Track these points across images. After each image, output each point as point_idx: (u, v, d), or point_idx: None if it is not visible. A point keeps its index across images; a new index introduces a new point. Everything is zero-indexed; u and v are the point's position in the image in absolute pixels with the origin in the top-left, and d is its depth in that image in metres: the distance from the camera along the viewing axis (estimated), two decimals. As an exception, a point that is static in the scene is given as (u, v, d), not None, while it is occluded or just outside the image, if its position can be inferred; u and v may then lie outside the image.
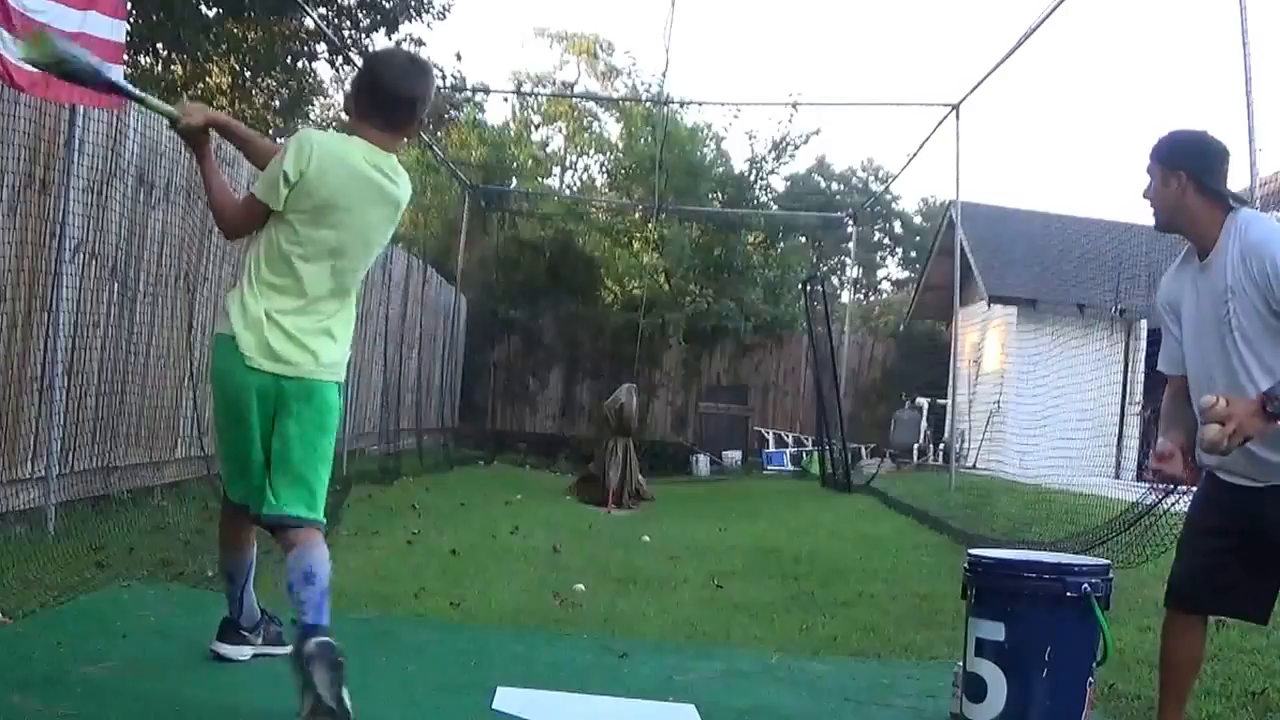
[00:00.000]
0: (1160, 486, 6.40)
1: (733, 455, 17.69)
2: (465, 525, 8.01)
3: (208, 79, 12.89)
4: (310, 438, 3.09)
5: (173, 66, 12.29)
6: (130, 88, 3.44)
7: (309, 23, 12.66)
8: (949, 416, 13.76)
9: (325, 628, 2.87)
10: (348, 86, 3.40)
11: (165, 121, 3.45)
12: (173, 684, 3.17)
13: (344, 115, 3.33)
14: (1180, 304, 3.06)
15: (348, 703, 2.74)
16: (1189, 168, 2.96)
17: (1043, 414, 11.33)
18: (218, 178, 3.24)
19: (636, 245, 20.59)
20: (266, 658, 3.43)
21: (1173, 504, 5.93)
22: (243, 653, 3.42)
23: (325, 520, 3.20)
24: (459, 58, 20.29)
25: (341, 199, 3.06)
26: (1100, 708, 3.55)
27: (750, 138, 21.05)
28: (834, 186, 32.67)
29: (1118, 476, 12.88)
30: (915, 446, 16.75)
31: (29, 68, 4.42)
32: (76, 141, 5.44)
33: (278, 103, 14.32)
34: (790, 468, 16.74)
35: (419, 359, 14.52)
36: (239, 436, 3.11)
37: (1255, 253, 2.83)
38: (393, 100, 3.13)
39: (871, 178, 33.31)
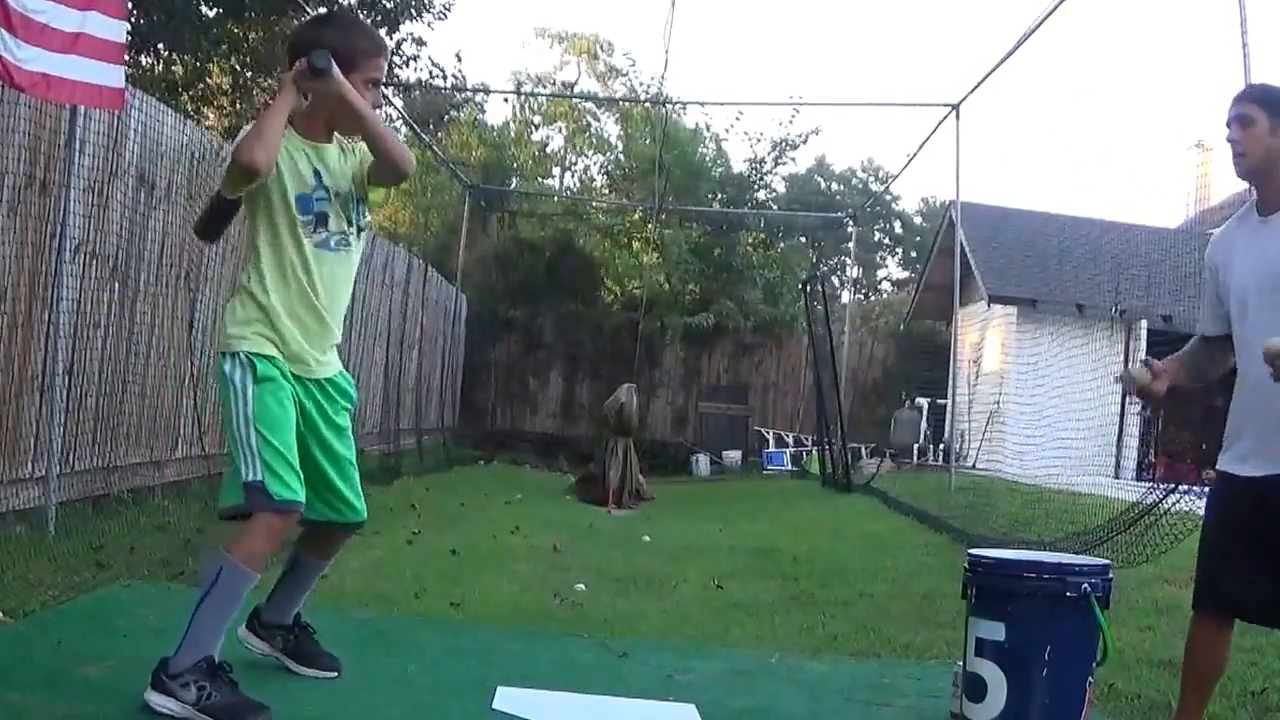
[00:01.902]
0: (1160, 485, 6.40)
1: (733, 455, 17.69)
2: (465, 525, 8.02)
3: (208, 79, 12.88)
4: None
5: (173, 66, 12.29)
6: None
7: (309, 23, 12.63)
8: (949, 416, 13.77)
9: None
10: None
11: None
12: (173, 684, 3.17)
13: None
14: (1230, 260, 3.07)
15: None
16: None
17: (1042, 414, 11.34)
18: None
19: (636, 246, 20.60)
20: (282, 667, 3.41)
21: (1174, 503, 5.93)
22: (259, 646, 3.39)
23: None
24: (459, 58, 20.31)
25: None
26: (1100, 708, 3.55)
27: (753, 140, 21.04)
28: (834, 186, 32.69)
29: (1118, 476, 12.90)
30: (915, 446, 16.75)
31: (29, 68, 4.43)
32: (76, 141, 5.44)
33: (278, 103, 14.29)
34: (790, 468, 16.74)
35: (419, 359, 14.52)
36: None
37: None
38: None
39: (871, 178, 33.34)
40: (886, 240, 36.27)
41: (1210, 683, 3.07)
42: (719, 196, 20.32)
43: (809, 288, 16.35)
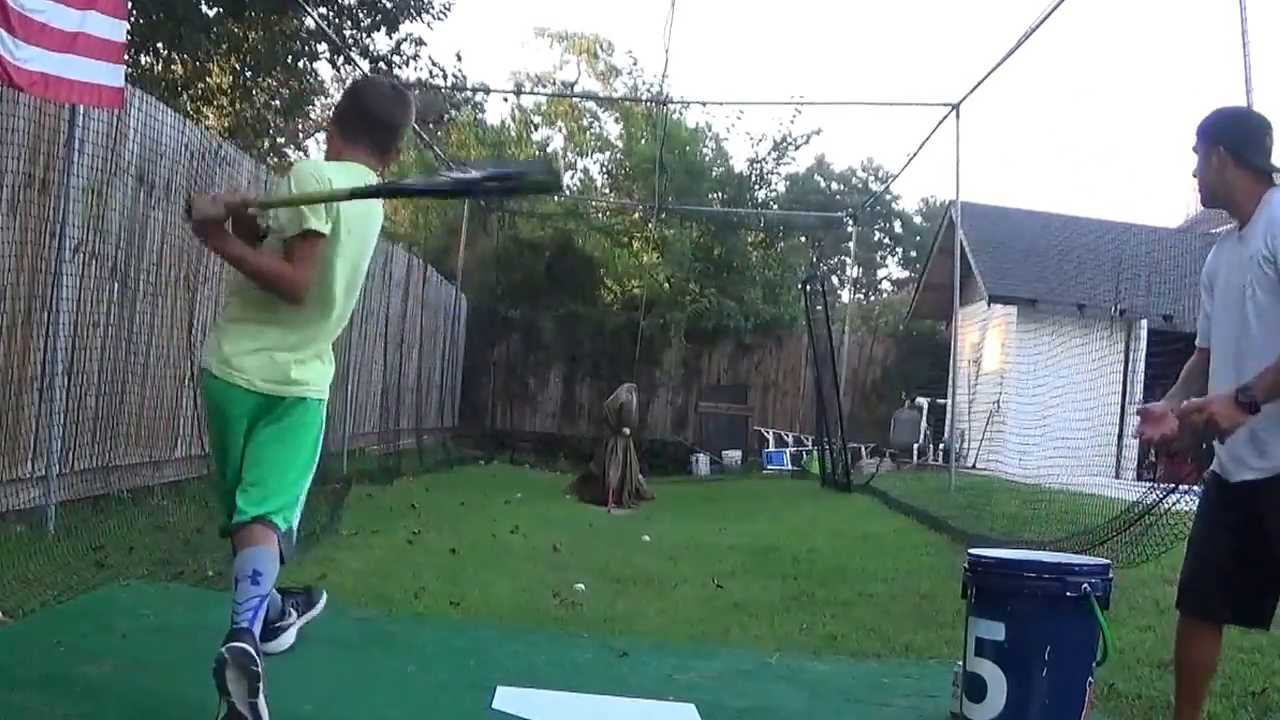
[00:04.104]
0: (1160, 485, 6.40)
1: (733, 455, 17.69)
2: (465, 525, 8.02)
3: (208, 79, 12.89)
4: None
5: (173, 66, 12.29)
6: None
7: (309, 22, 12.65)
8: (949, 416, 13.76)
9: (250, 634, 2.75)
10: (331, 115, 3.37)
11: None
12: (172, 684, 3.16)
13: (325, 144, 3.30)
14: (1216, 276, 3.13)
15: (263, 712, 2.67)
16: (1227, 142, 3.04)
17: (1043, 414, 11.33)
18: (251, 251, 3.05)
19: (636, 245, 20.59)
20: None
21: (1174, 503, 5.93)
22: (288, 639, 3.49)
23: (280, 525, 3.02)
24: (459, 58, 20.27)
25: (355, 226, 3.12)
26: (1100, 708, 3.55)
27: (754, 141, 21.07)
28: (834, 186, 32.64)
29: (1118, 476, 12.89)
30: (915, 446, 16.75)
31: (29, 67, 4.43)
32: (76, 141, 5.44)
33: (278, 103, 14.33)
34: (790, 467, 16.74)
35: (419, 359, 14.52)
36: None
37: (1275, 225, 2.89)
38: (378, 125, 3.24)
39: (871, 178, 33.30)
40: (886, 240, 36.24)
41: (1200, 681, 3.08)
42: (719, 196, 20.32)
43: (809, 287, 16.35)
